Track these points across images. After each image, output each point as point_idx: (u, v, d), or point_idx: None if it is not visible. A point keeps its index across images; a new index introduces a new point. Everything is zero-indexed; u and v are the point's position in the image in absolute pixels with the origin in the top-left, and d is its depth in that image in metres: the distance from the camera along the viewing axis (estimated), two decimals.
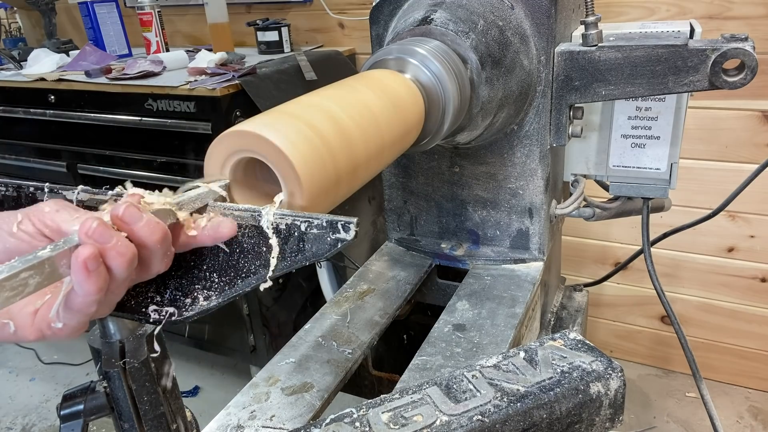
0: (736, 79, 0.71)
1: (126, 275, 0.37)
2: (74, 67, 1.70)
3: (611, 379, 0.51)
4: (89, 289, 0.36)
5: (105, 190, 0.46)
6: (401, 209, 1.01)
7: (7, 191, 0.49)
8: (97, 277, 0.35)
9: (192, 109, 1.45)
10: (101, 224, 0.36)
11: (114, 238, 0.36)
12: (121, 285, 0.38)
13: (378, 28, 0.89)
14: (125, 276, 0.37)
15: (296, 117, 0.49)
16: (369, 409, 0.50)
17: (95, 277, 0.35)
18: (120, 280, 0.37)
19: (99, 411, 0.47)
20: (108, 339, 0.45)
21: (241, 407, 0.65)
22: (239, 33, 2.00)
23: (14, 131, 1.82)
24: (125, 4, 2.21)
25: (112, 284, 0.37)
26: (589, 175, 0.97)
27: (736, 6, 1.41)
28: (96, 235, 0.36)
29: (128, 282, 0.39)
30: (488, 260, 0.93)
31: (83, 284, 0.35)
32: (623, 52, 0.76)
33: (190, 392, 1.94)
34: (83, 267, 0.35)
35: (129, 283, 0.39)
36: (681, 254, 1.70)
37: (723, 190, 1.29)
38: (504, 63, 0.76)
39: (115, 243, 0.36)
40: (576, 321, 1.17)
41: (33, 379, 2.09)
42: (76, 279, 0.35)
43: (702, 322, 1.75)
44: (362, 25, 1.86)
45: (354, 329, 0.79)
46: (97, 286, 0.36)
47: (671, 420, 1.69)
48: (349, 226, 0.39)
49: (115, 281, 0.37)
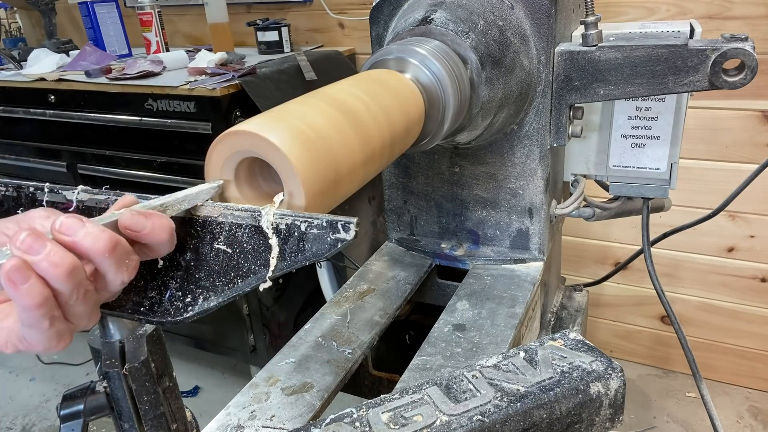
0: (736, 79, 0.71)
1: (70, 287, 0.35)
2: (74, 67, 1.70)
3: (611, 379, 0.51)
4: (25, 303, 0.34)
5: (105, 190, 0.46)
6: (401, 209, 1.01)
7: (7, 191, 0.49)
8: (30, 291, 0.33)
9: (192, 109, 1.45)
10: (31, 235, 0.34)
11: (46, 248, 0.34)
12: (74, 296, 0.36)
13: (378, 28, 0.89)
14: (69, 288, 0.35)
15: (296, 117, 0.49)
16: (369, 409, 0.50)
17: (28, 292, 0.33)
18: (66, 293, 0.35)
19: (99, 411, 0.47)
20: (108, 339, 0.45)
21: (241, 407, 0.65)
22: (239, 33, 2.00)
23: (14, 131, 1.82)
24: (125, 4, 2.21)
25: (59, 297, 0.35)
26: (589, 175, 0.97)
27: (736, 6, 1.41)
28: (24, 246, 0.34)
29: (84, 294, 0.36)
30: (488, 260, 0.93)
31: (16, 298, 0.34)
32: (623, 52, 0.76)
33: (190, 392, 1.94)
34: (8, 280, 0.33)
35: (89, 295, 0.37)
36: (681, 254, 1.70)
37: (723, 190, 1.29)
38: (504, 63, 0.76)
39: (47, 253, 0.34)
40: (576, 321, 1.17)
41: (33, 379, 2.09)
42: (8, 293, 0.34)
43: (702, 322, 1.75)
44: (362, 25, 1.86)
45: (354, 329, 0.79)
46: (32, 300, 0.34)
47: (671, 420, 1.69)
48: (349, 226, 0.39)
49: (62, 294, 0.35)
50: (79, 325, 0.38)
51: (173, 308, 0.43)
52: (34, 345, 0.37)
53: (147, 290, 0.44)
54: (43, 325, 0.35)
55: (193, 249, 0.44)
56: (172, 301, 0.43)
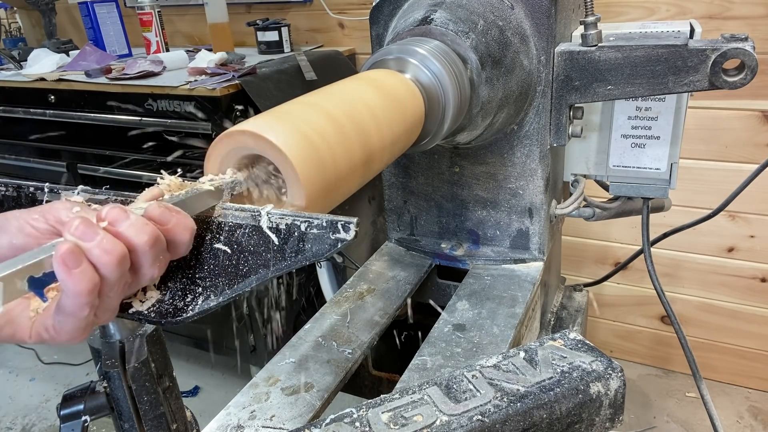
0: (736, 79, 0.71)
1: (117, 276, 0.36)
2: (74, 67, 1.70)
3: (611, 379, 0.51)
4: (75, 289, 0.34)
5: (105, 190, 0.46)
6: (401, 209, 1.01)
7: (7, 191, 0.49)
8: (82, 276, 0.34)
9: (192, 109, 1.45)
10: (84, 222, 0.35)
11: (98, 235, 0.35)
12: (115, 288, 0.37)
13: (378, 28, 0.89)
14: (116, 277, 0.36)
15: (296, 117, 0.49)
16: (369, 409, 0.50)
17: (80, 276, 0.34)
18: (112, 282, 0.36)
19: (99, 411, 0.47)
20: (108, 339, 0.45)
21: (241, 407, 0.65)
22: (239, 33, 2.00)
23: (14, 131, 1.82)
24: (125, 4, 2.21)
25: (104, 286, 0.36)
26: (589, 175, 0.97)
27: (736, 6, 1.41)
28: (78, 233, 0.35)
29: (123, 286, 0.38)
30: (488, 260, 0.93)
31: (67, 282, 0.34)
32: (623, 52, 0.76)
33: (190, 392, 1.94)
34: (62, 263, 0.34)
35: (124, 288, 0.38)
36: (681, 254, 1.70)
37: (723, 190, 1.29)
38: (504, 63, 0.76)
39: (100, 240, 0.35)
40: (576, 321, 1.17)
41: (33, 379, 2.09)
42: (59, 277, 0.34)
43: (702, 322, 1.75)
44: (362, 25, 1.86)
45: (354, 329, 0.79)
46: (83, 286, 0.34)
47: (671, 420, 1.69)
48: (349, 226, 0.39)
49: (107, 283, 0.36)
50: (104, 318, 0.39)
51: (173, 308, 0.43)
52: (62, 335, 0.37)
53: (147, 290, 0.44)
54: (83, 312, 0.36)
55: (193, 249, 0.44)
56: (172, 301, 0.43)
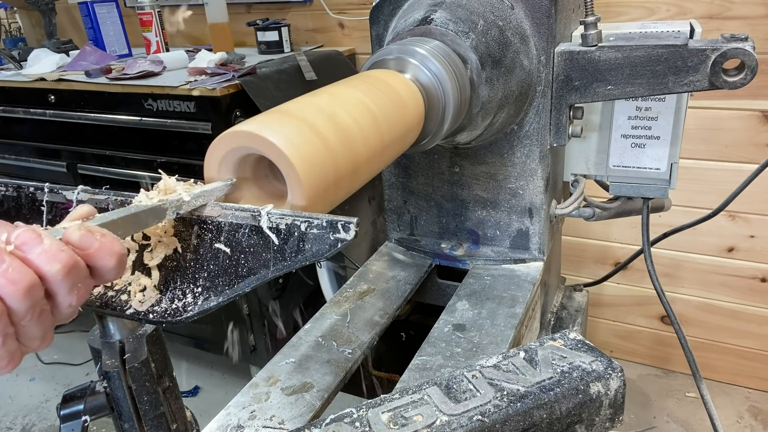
0: (736, 79, 0.71)
1: (26, 306, 0.32)
2: (74, 67, 1.70)
3: (611, 379, 0.51)
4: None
5: (105, 189, 0.46)
6: (401, 209, 1.01)
7: (7, 191, 0.49)
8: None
9: (192, 109, 1.45)
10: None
11: (4, 263, 0.32)
12: (27, 317, 0.33)
13: (378, 28, 0.89)
14: (25, 307, 0.32)
15: (296, 117, 0.49)
16: (369, 409, 0.50)
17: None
18: (21, 312, 0.33)
19: (99, 411, 0.47)
20: (108, 339, 0.45)
21: (241, 407, 0.65)
22: (239, 33, 2.00)
23: (14, 131, 1.82)
24: (125, 4, 2.21)
25: (15, 316, 0.33)
26: (589, 175, 0.97)
27: (736, 6, 1.41)
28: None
29: (38, 314, 0.34)
30: (488, 260, 0.93)
31: None
32: (623, 52, 0.76)
33: (190, 392, 1.94)
34: None
35: (44, 316, 0.34)
36: (681, 254, 1.70)
37: (723, 190, 1.29)
38: (504, 63, 0.76)
39: (4, 270, 0.32)
40: (576, 321, 1.17)
41: (33, 379, 2.09)
42: None
43: (702, 322, 1.75)
44: (362, 25, 1.86)
45: (354, 329, 0.79)
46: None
47: (671, 420, 1.69)
48: (349, 226, 0.39)
49: (16, 313, 0.32)
50: (31, 347, 0.36)
51: (173, 308, 0.43)
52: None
53: (147, 290, 0.44)
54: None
55: (193, 249, 0.44)
56: (172, 301, 0.43)
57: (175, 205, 0.43)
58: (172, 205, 0.43)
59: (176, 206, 0.43)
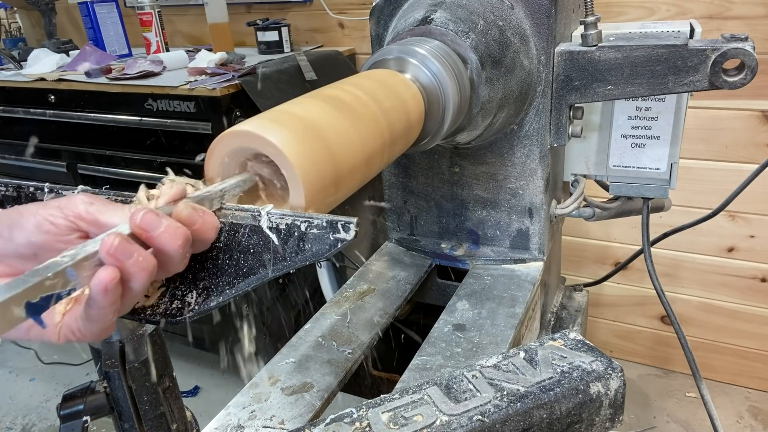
0: (736, 79, 0.71)
1: (145, 286, 0.37)
2: (74, 67, 1.70)
3: (611, 379, 0.51)
4: (106, 304, 0.35)
5: (105, 189, 0.46)
6: (401, 209, 1.01)
7: (7, 191, 0.49)
8: (114, 293, 0.35)
9: (192, 109, 1.45)
10: (123, 241, 0.35)
11: (135, 253, 0.36)
12: (140, 293, 0.38)
13: (378, 28, 0.89)
14: (144, 287, 0.37)
15: (296, 117, 0.49)
16: (369, 409, 0.50)
17: (113, 294, 0.35)
18: (138, 291, 0.37)
19: (99, 411, 0.47)
20: (108, 339, 0.45)
21: (241, 407, 0.65)
22: (239, 33, 2.00)
23: (14, 131, 1.82)
24: (125, 4, 2.21)
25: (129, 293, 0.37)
26: (589, 175, 0.97)
27: (736, 6, 1.41)
28: (118, 253, 0.35)
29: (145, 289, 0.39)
30: (488, 260, 0.93)
31: (101, 301, 0.35)
32: (623, 52, 0.76)
33: (190, 392, 1.94)
34: (103, 290, 0.35)
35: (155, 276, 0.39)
36: (681, 254, 1.70)
37: (723, 190, 1.29)
38: (504, 63, 0.76)
39: (136, 259, 0.36)
40: (576, 321, 1.17)
41: (33, 379, 2.09)
42: (94, 297, 0.35)
43: (702, 322, 1.75)
44: (362, 25, 1.86)
45: (354, 329, 0.79)
46: (113, 300, 0.36)
47: (671, 420, 1.69)
48: (349, 226, 0.39)
49: (133, 292, 0.37)
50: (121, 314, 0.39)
51: (173, 308, 0.43)
52: (88, 337, 0.38)
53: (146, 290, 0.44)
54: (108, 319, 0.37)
55: None
56: (172, 301, 0.43)
57: (218, 196, 0.44)
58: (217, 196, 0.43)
59: (219, 197, 0.44)
